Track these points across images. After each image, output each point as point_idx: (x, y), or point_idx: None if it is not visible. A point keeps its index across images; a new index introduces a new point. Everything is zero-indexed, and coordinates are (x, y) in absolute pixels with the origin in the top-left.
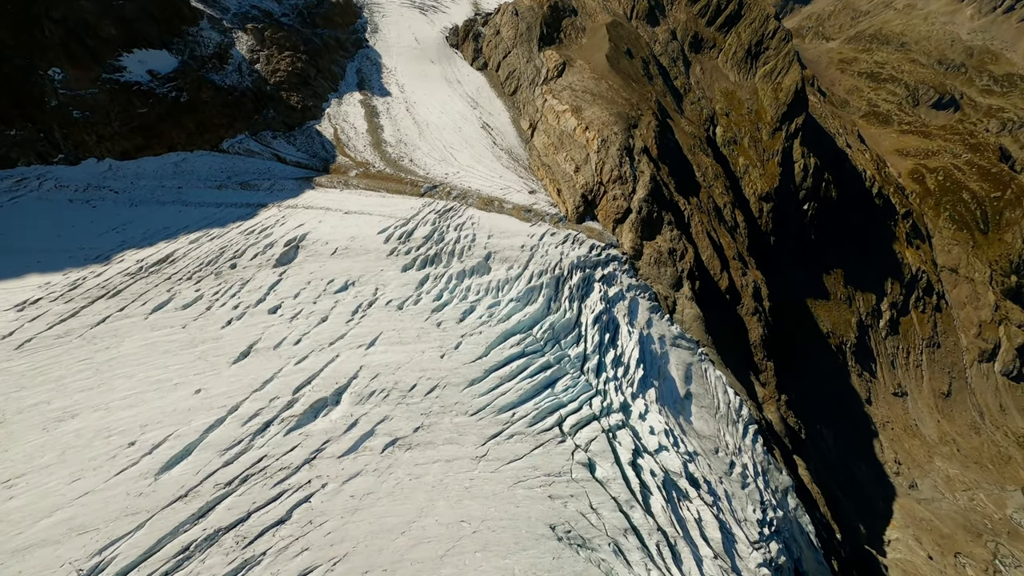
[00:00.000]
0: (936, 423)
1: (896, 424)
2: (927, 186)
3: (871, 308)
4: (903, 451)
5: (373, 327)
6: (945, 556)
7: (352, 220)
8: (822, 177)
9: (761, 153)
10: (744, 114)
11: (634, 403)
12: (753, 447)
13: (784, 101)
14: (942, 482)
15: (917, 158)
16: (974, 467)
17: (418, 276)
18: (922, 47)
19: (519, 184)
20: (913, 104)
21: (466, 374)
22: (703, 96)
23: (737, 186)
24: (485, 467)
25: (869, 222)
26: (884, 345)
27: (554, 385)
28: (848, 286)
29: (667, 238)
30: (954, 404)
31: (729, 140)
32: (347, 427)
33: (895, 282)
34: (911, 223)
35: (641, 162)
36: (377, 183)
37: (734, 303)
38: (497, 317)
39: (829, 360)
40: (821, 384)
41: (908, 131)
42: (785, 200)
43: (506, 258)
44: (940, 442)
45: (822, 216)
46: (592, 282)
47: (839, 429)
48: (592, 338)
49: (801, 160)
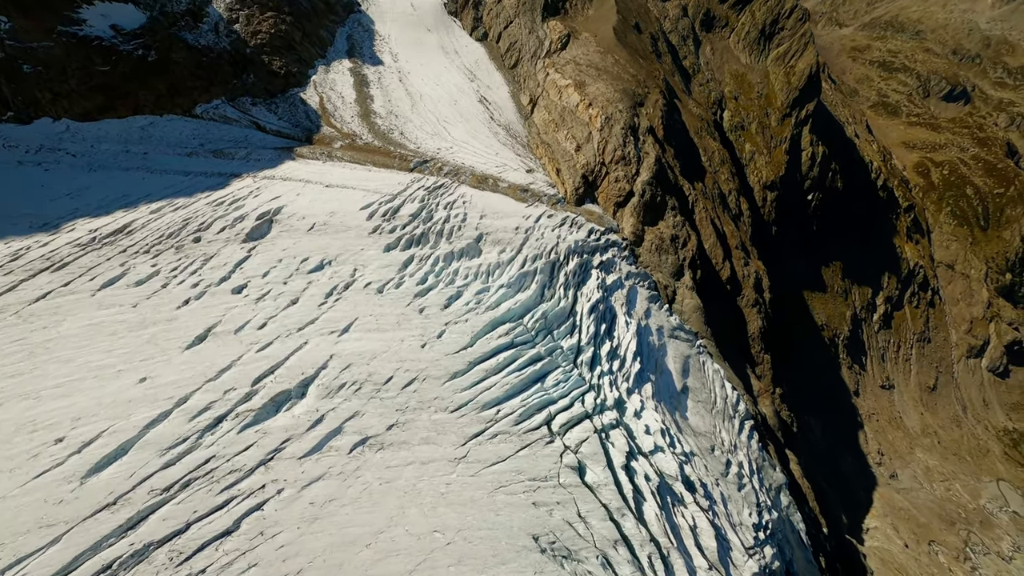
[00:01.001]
0: (920, 416)
1: (881, 416)
2: (931, 180)
3: (866, 302)
4: (886, 442)
5: (348, 312)
6: (920, 544)
7: (333, 194)
8: (829, 167)
9: (768, 140)
10: (753, 98)
11: (629, 399)
12: (749, 444)
13: (796, 86)
14: (921, 473)
15: (923, 151)
16: (953, 459)
17: (402, 257)
18: (938, 36)
19: (516, 162)
20: (923, 95)
21: (448, 366)
22: (712, 78)
23: (742, 173)
24: (464, 470)
25: (871, 215)
26: (876, 339)
27: (544, 379)
28: (846, 279)
29: (670, 224)
30: (939, 398)
31: (736, 125)
32: (311, 424)
33: (892, 276)
34: (912, 217)
35: (646, 143)
36: (363, 156)
37: (734, 294)
38: (485, 304)
39: (822, 352)
40: (813, 376)
41: (916, 123)
42: (790, 189)
43: (498, 240)
44: (922, 434)
45: (826, 207)
46: (589, 269)
47: (827, 420)
48: (587, 329)
49: (809, 148)
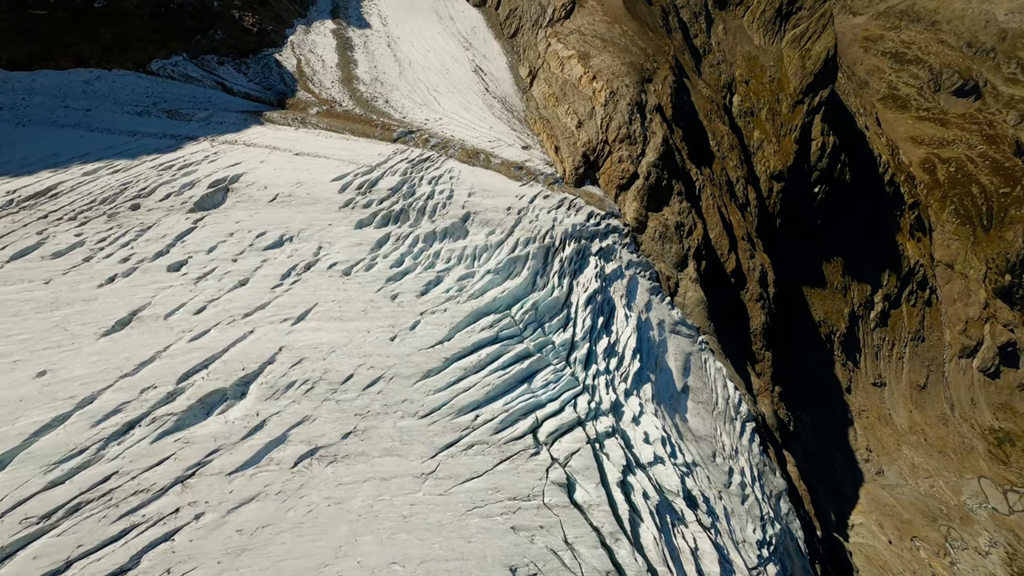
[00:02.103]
0: (908, 413)
1: (871, 413)
2: (937, 177)
3: (865, 299)
4: (875, 439)
5: (307, 296)
6: (903, 540)
7: (303, 163)
8: (838, 158)
9: (778, 128)
10: (765, 83)
11: (627, 402)
12: (750, 448)
13: (811, 70)
14: (907, 469)
15: (931, 147)
16: (938, 456)
17: (376, 235)
18: (954, 27)
19: (511, 137)
20: (934, 89)
21: (421, 363)
22: (723, 59)
23: (749, 162)
24: (432, 488)
25: (876, 210)
26: (871, 336)
27: (532, 380)
28: (846, 275)
29: (675, 210)
30: (928, 396)
31: (746, 111)
32: (248, 431)
33: (892, 274)
34: (916, 215)
35: (653, 122)
36: (342, 123)
37: (738, 287)
38: (469, 292)
39: (818, 349)
40: (808, 373)
41: (925, 118)
42: (797, 180)
43: (487, 221)
44: (910, 431)
45: (831, 200)
46: (587, 256)
47: (819, 417)
48: (583, 322)
49: (820, 138)
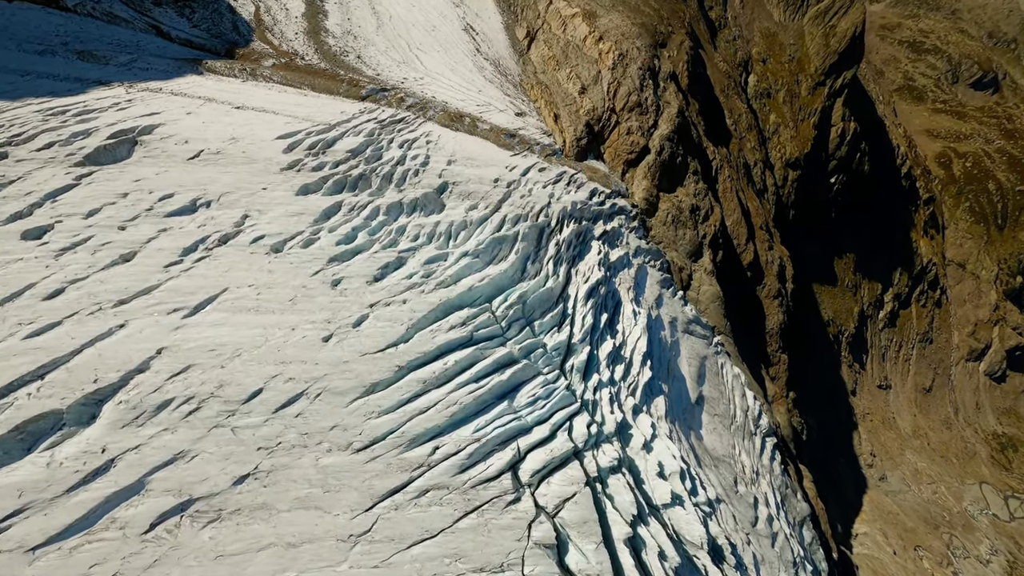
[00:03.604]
0: (912, 417)
1: (875, 416)
2: (952, 172)
3: (875, 298)
4: (879, 443)
5: (213, 279)
6: (907, 550)
7: (244, 117)
8: (858, 147)
9: (796, 111)
10: (784, 62)
11: (636, 422)
12: (771, 468)
13: (835, 49)
14: (910, 475)
15: (947, 140)
16: (940, 461)
17: (323, 203)
18: (975, 16)
19: (503, 103)
20: (952, 81)
21: (363, 374)
22: (739, 35)
23: (765, 146)
24: (364, 557)
25: (891, 205)
26: (879, 337)
27: (514, 395)
28: (857, 273)
29: (690, 192)
30: (932, 399)
31: (762, 92)
32: (82, 477)
33: (904, 273)
34: (931, 211)
35: (667, 91)
36: (301, 77)
37: (755, 282)
38: (438, 279)
39: (826, 350)
40: (816, 375)
41: (942, 110)
42: (814, 169)
43: (469, 193)
44: (913, 435)
45: (848, 192)
46: (589, 240)
47: (823, 420)
48: (583, 320)
49: (840, 124)
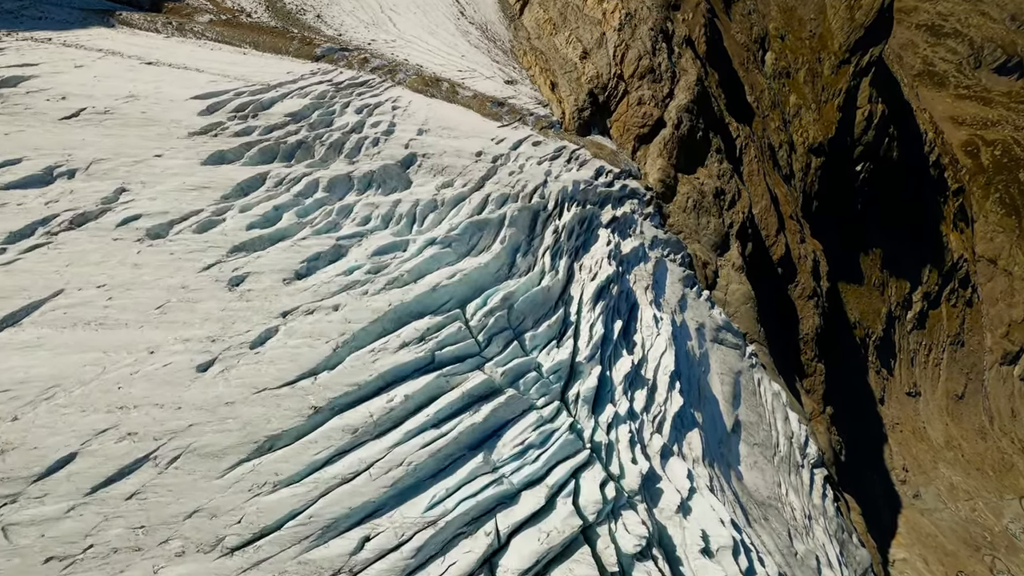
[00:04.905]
0: (944, 426)
1: (905, 426)
2: (981, 161)
3: (903, 297)
4: (910, 456)
5: (45, 277)
6: None
7: (153, 73)
8: (886, 131)
9: (819, 92)
10: (804, 39)
11: (667, 470)
12: (824, 507)
13: (861, 23)
14: (945, 491)
15: (973, 127)
16: (976, 474)
17: (239, 175)
18: None
19: (491, 69)
20: (974, 66)
21: (254, 422)
22: (754, 9)
23: (787, 128)
24: None
25: (919, 195)
26: (907, 340)
27: (493, 443)
28: (884, 270)
29: (713, 173)
30: (965, 407)
31: (781, 71)
32: None
33: (933, 270)
34: (960, 202)
35: (683, 57)
36: (243, 35)
37: (787, 280)
38: (389, 275)
39: (852, 355)
40: (842, 382)
41: (966, 96)
42: (838, 155)
43: (443, 168)
44: (946, 447)
45: (874, 181)
46: (596, 227)
47: (852, 432)
48: (591, 329)
49: (867, 106)
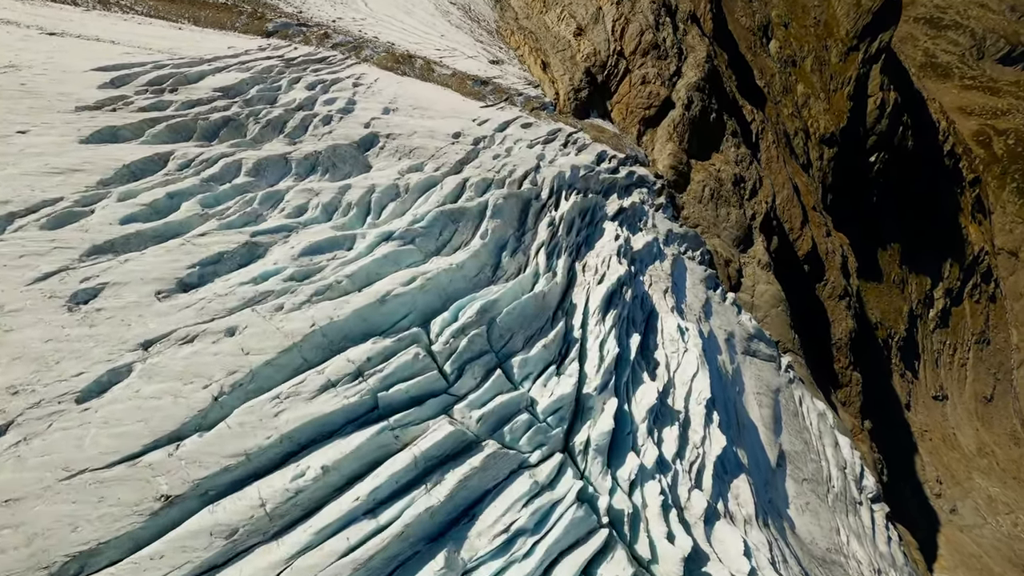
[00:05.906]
0: (975, 432)
1: (935, 434)
2: (994, 151)
3: (923, 295)
4: (942, 466)
5: None
6: None
7: (52, 44)
8: (900, 119)
9: (827, 81)
10: (809, 26)
11: (715, 545)
12: (891, 554)
13: (868, 8)
14: (983, 504)
15: (983, 117)
16: (1013, 483)
17: (131, 155)
18: None
19: (473, 49)
20: (977, 57)
21: (44, 533)
22: None
23: (800, 115)
24: None
25: (935, 186)
26: (931, 340)
27: (466, 529)
28: (903, 266)
29: (730, 158)
30: (995, 410)
31: (787, 59)
32: None
33: (954, 264)
34: (976, 193)
35: (689, 33)
36: (181, 9)
37: (814, 278)
38: (322, 281)
39: (875, 358)
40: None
41: (972, 86)
42: (851, 145)
43: (411, 150)
44: (978, 454)
45: (889, 172)
46: (600, 220)
47: (879, 442)
48: (600, 348)
49: (879, 94)
